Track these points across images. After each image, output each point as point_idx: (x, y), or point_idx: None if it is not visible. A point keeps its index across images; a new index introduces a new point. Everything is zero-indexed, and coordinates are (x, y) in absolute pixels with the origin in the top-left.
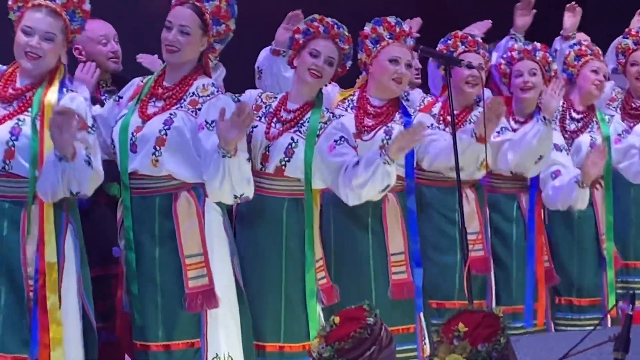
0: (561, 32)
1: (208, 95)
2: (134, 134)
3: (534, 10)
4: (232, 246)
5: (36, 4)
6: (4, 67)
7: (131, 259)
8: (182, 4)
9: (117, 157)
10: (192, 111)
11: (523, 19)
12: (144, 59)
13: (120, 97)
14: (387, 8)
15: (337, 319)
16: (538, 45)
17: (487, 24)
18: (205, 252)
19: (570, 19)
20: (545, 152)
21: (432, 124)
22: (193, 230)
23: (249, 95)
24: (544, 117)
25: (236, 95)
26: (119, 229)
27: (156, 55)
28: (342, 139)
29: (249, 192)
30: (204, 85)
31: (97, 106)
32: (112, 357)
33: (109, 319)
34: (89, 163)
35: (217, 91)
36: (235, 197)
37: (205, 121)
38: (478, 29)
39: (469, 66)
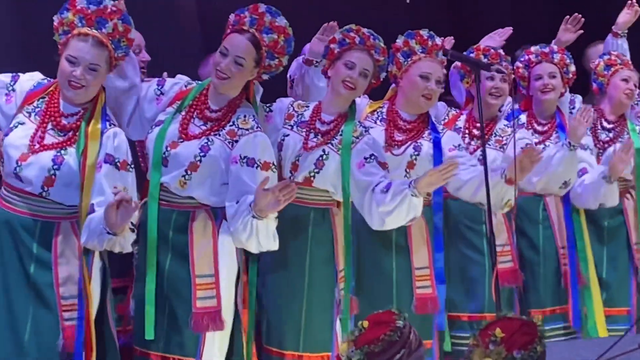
0: (612, 28)
1: (247, 129)
2: (168, 148)
3: (581, 31)
4: (239, 272)
5: (83, 33)
6: (45, 82)
7: (151, 276)
8: (241, 31)
9: (149, 167)
10: (229, 142)
11: (567, 35)
12: None
13: (162, 93)
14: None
15: (365, 323)
16: (555, 47)
17: (507, 31)
18: (217, 274)
19: (626, 15)
20: (571, 177)
21: (459, 145)
22: (207, 250)
23: (280, 103)
24: (570, 143)
25: (267, 105)
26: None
27: (165, 74)
28: (372, 157)
29: (274, 246)
30: (245, 116)
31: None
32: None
33: (125, 324)
34: (133, 230)
35: (257, 127)
36: (260, 251)
37: (240, 155)
38: (499, 35)
39: (499, 71)
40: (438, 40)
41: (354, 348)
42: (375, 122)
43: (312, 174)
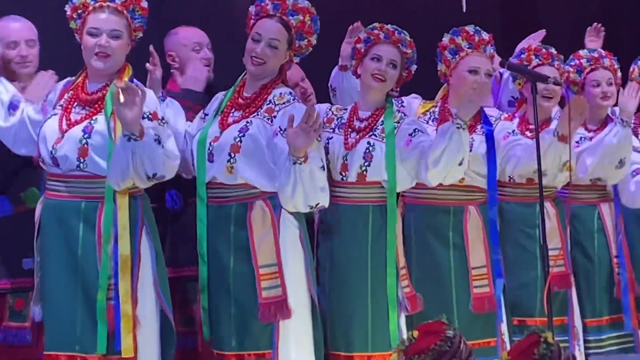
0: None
1: (284, 103)
2: (212, 143)
3: (603, 33)
4: (308, 260)
5: (97, 6)
6: (72, 78)
7: (203, 271)
8: (268, 16)
9: (195, 168)
10: (268, 119)
11: (593, 44)
12: None
13: (206, 114)
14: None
15: (415, 333)
16: (603, 52)
17: (541, 33)
18: (280, 263)
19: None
20: (627, 155)
21: (513, 130)
22: (267, 240)
23: (318, 109)
24: (622, 119)
25: None
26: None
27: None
28: (416, 130)
29: (324, 200)
30: (281, 93)
31: (187, 123)
32: None
33: (191, 325)
34: (158, 142)
35: (294, 99)
36: (310, 207)
37: (280, 128)
38: (533, 39)
39: (556, 83)
40: (485, 35)
41: (404, 358)
42: (428, 122)
43: (363, 168)
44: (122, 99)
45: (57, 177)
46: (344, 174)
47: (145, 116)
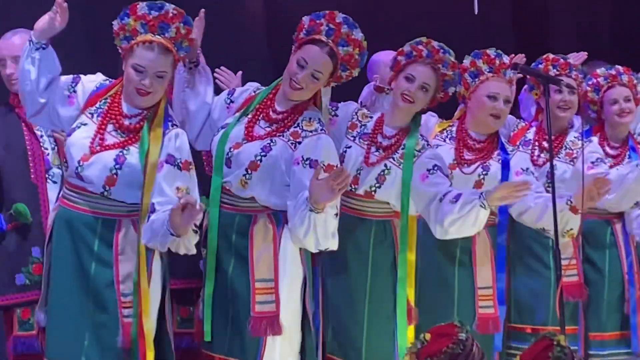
0: None
1: (311, 131)
2: (232, 149)
3: None
4: (306, 275)
5: (148, 40)
6: (107, 83)
7: (210, 269)
8: (319, 43)
9: (212, 168)
10: (292, 143)
11: None
12: (221, 75)
13: (232, 102)
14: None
15: (427, 336)
16: (621, 68)
17: (582, 55)
18: (276, 279)
19: None
20: None
21: (527, 168)
22: (267, 255)
23: (346, 108)
24: None
25: (333, 108)
26: (202, 239)
27: (240, 73)
28: (436, 168)
29: (333, 245)
30: (310, 118)
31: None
32: None
33: (189, 326)
34: (196, 232)
35: (321, 129)
36: (319, 250)
37: (302, 157)
38: (573, 59)
39: (568, 86)
40: (505, 59)
41: None
42: (444, 140)
43: (373, 188)
44: (181, 216)
45: (77, 190)
46: (353, 187)
47: (175, 164)
